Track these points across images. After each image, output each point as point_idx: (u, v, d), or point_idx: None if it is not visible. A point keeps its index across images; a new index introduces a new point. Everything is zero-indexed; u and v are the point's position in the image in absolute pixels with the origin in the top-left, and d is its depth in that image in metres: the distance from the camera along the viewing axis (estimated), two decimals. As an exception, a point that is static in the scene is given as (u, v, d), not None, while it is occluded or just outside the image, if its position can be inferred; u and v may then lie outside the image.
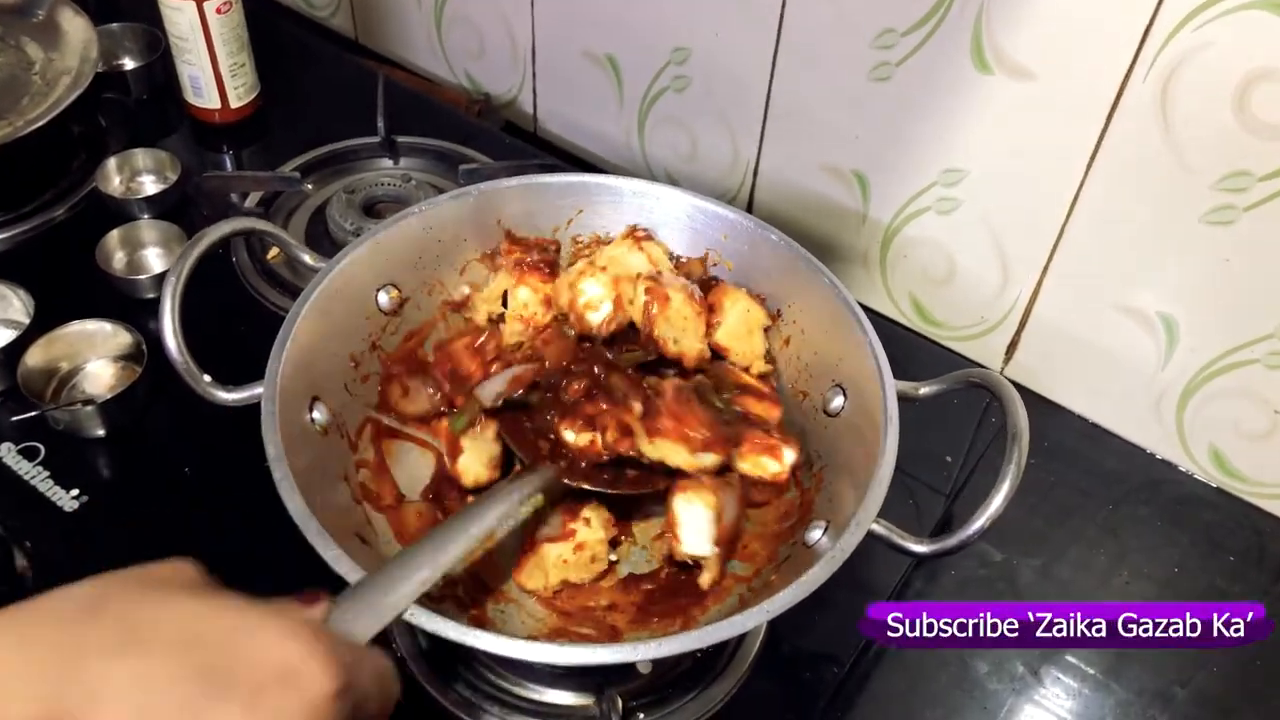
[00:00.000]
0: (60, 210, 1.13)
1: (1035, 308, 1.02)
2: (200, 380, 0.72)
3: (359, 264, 0.79)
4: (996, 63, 0.91)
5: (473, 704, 0.77)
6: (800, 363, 0.83)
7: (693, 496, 0.74)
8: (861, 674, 0.83)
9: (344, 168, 1.20)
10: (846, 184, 1.08)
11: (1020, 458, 0.66)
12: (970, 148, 0.97)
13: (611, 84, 1.21)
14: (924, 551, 0.67)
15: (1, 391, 0.95)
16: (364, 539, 0.72)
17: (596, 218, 0.88)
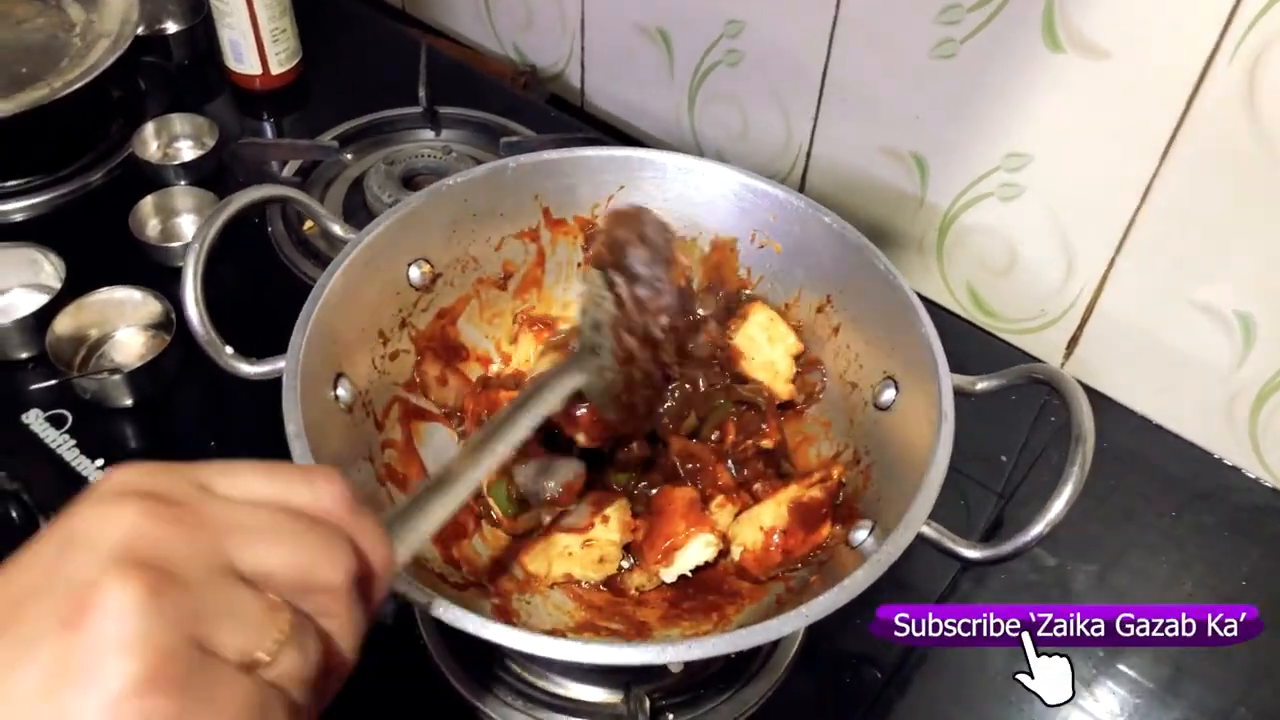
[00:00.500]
0: (97, 175, 1.12)
1: (1100, 301, 0.97)
2: (222, 352, 0.69)
3: (390, 236, 0.76)
4: (1069, 40, 0.86)
5: (496, 696, 0.75)
6: (850, 353, 0.79)
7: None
8: (903, 679, 0.79)
9: (384, 138, 1.18)
10: (904, 167, 1.03)
11: (1084, 460, 0.62)
12: (1037, 131, 0.93)
13: (662, 57, 1.17)
14: (976, 557, 0.63)
15: (31, 358, 0.94)
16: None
17: (638, 194, 0.84)
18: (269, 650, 0.37)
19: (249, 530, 0.38)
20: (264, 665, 0.37)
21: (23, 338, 0.93)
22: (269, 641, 0.37)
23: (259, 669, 0.36)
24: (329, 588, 0.39)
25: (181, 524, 0.37)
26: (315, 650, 0.39)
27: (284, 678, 0.37)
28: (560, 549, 0.73)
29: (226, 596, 0.36)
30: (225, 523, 0.38)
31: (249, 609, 0.37)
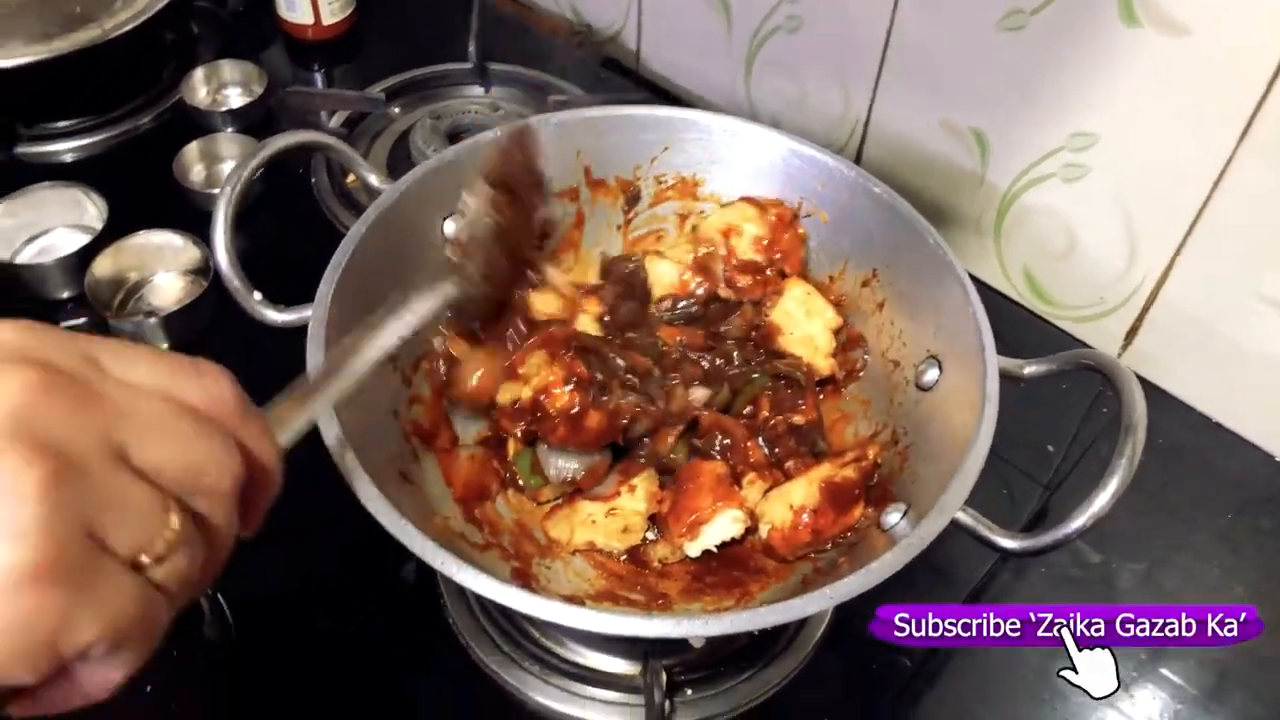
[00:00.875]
0: (146, 118, 1.12)
1: (1163, 291, 0.93)
2: (249, 297, 0.68)
3: (424, 188, 0.75)
4: (1146, 15, 0.81)
5: (514, 661, 0.74)
6: (894, 329, 0.76)
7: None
8: (933, 671, 0.77)
9: (433, 93, 1.16)
10: (964, 143, 1.00)
11: (1134, 452, 0.59)
12: (1106, 109, 0.88)
13: (721, 21, 1.14)
14: (1013, 547, 0.60)
15: (70, 298, 0.94)
16: (408, 477, 0.68)
17: (681, 155, 0.82)
18: (159, 550, 0.35)
19: (143, 420, 0.36)
20: (151, 564, 0.35)
21: (63, 277, 0.93)
22: (160, 541, 0.35)
23: (146, 567, 0.35)
24: (215, 491, 0.38)
25: (77, 403, 0.34)
26: (200, 553, 0.38)
27: (169, 578, 0.36)
28: (584, 516, 0.72)
29: (122, 489, 0.35)
30: (120, 408, 0.36)
31: (143, 505, 0.35)
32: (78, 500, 0.33)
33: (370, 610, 0.77)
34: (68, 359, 0.36)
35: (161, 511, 0.36)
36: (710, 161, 0.81)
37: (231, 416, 0.40)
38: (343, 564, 0.80)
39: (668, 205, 0.86)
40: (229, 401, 0.40)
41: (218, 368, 0.41)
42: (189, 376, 0.39)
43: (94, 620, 0.33)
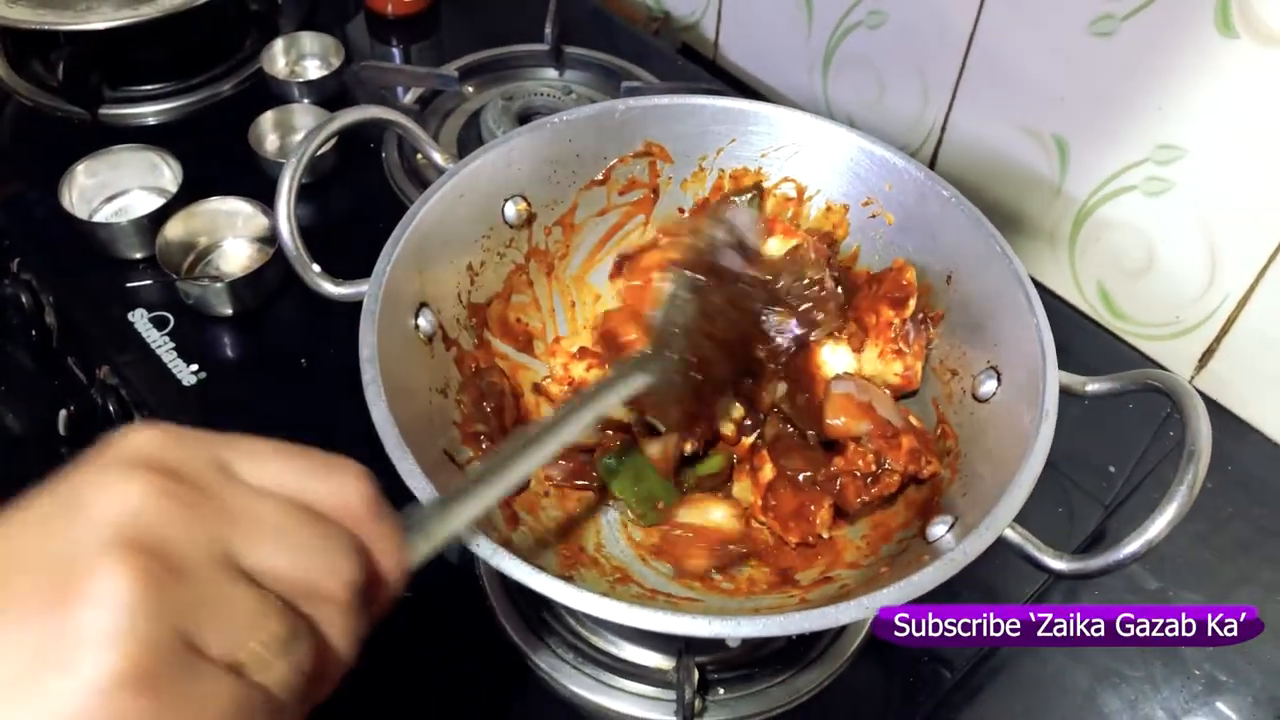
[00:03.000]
0: (225, 86, 1.14)
1: (1243, 314, 0.90)
2: (309, 269, 0.69)
3: (489, 169, 0.75)
4: (1244, 25, 0.78)
5: (549, 647, 0.74)
6: (954, 337, 0.74)
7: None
8: (974, 687, 0.75)
9: (507, 74, 1.16)
10: (1044, 150, 0.97)
11: (1195, 479, 0.56)
12: (1195, 122, 0.85)
13: (801, 14, 1.13)
14: (1063, 569, 0.58)
15: (142, 259, 0.96)
16: (453, 458, 0.68)
17: (748, 149, 0.80)
18: (257, 650, 0.35)
19: (259, 524, 0.36)
20: (252, 667, 0.34)
21: (137, 238, 0.95)
22: (259, 644, 0.35)
23: (247, 671, 0.34)
24: (330, 597, 0.37)
25: (191, 508, 0.34)
26: (307, 656, 0.36)
27: (271, 681, 0.35)
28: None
29: (223, 592, 0.34)
30: (236, 512, 0.36)
31: (244, 608, 0.35)
32: (174, 604, 0.32)
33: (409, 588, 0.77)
34: (195, 465, 0.36)
35: (265, 613, 0.35)
36: (776, 156, 0.80)
37: (360, 520, 0.39)
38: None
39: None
40: (358, 502, 0.39)
41: (354, 467, 0.40)
42: (320, 477, 0.39)
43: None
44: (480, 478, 0.50)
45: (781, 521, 0.71)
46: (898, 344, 0.75)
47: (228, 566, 0.35)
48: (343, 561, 0.38)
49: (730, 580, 0.70)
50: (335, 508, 0.39)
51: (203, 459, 0.36)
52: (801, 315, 0.74)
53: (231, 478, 0.37)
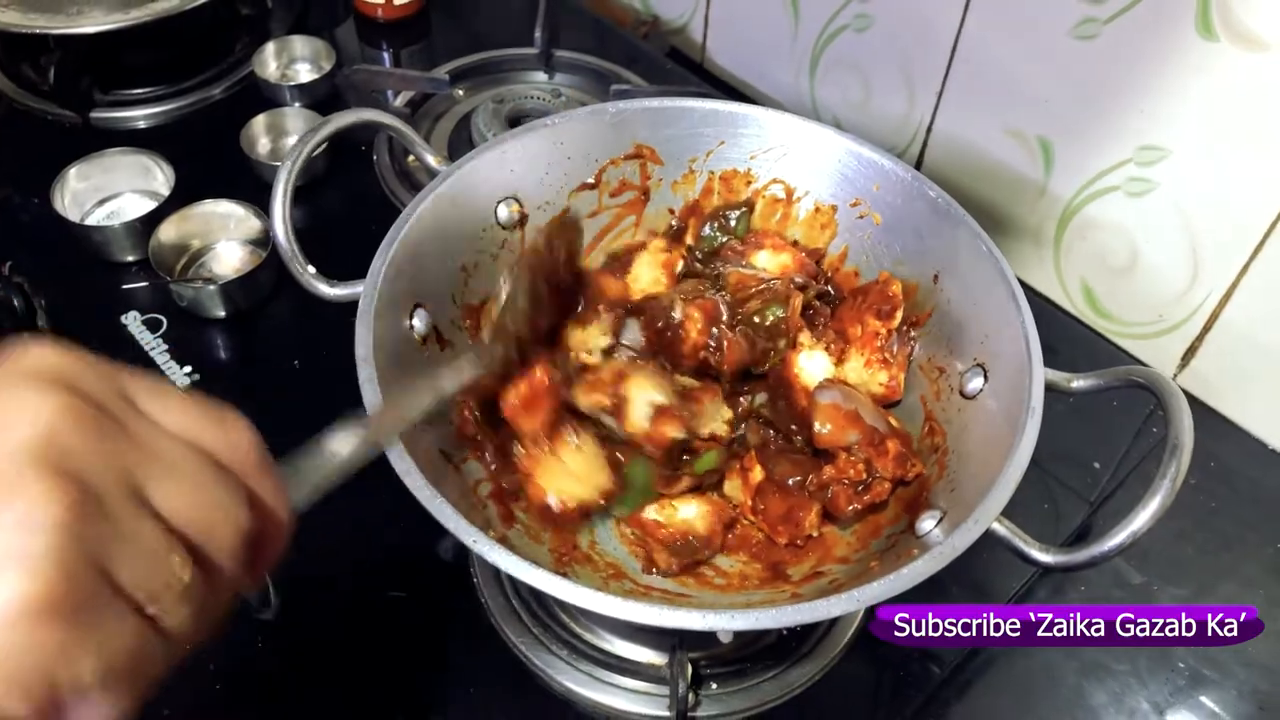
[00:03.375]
0: (217, 90, 1.15)
1: (1224, 312, 0.91)
2: (304, 270, 0.70)
3: (481, 171, 0.76)
4: (1224, 28, 0.80)
5: (544, 645, 0.74)
6: (941, 335, 0.75)
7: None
8: (963, 682, 0.76)
9: (497, 77, 1.17)
10: (1029, 151, 0.98)
11: (1178, 473, 0.57)
12: (1176, 124, 0.87)
13: (788, 17, 1.14)
14: (1049, 561, 0.59)
15: (135, 261, 0.97)
16: (449, 457, 0.69)
17: (737, 150, 0.81)
18: (165, 596, 0.35)
19: (166, 462, 0.36)
20: (154, 608, 0.34)
21: (129, 241, 0.96)
22: (168, 588, 0.35)
23: (148, 609, 0.34)
24: (223, 542, 0.37)
25: (105, 436, 0.34)
26: (201, 602, 0.37)
27: (171, 624, 0.35)
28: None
29: (135, 527, 0.34)
30: (145, 446, 0.36)
31: (155, 547, 0.34)
32: (92, 534, 0.32)
33: (405, 587, 0.78)
34: (103, 390, 0.36)
35: (175, 557, 0.35)
36: (766, 158, 0.81)
37: (249, 470, 0.40)
38: (379, 540, 0.81)
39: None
40: (248, 454, 0.40)
41: (241, 419, 0.41)
42: (214, 425, 0.39)
43: (93, 657, 0.32)
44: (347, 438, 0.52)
45: (771, 524, 0.72)
46: (883, 354, 0.76)
47: (139, 500, 0.35)
48: (238, 510, 0.38)
49: (722, 576, 0.71)
50: (229, 457, 0.39)
51: (111, 388, 0.36)
52: (750, 342, 0.76)
53: (138, 411, 0.37)
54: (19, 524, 0.31)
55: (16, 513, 0.31)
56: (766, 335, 0.75)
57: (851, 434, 0.71)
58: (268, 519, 0.41)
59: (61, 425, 0.33)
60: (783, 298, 0.75)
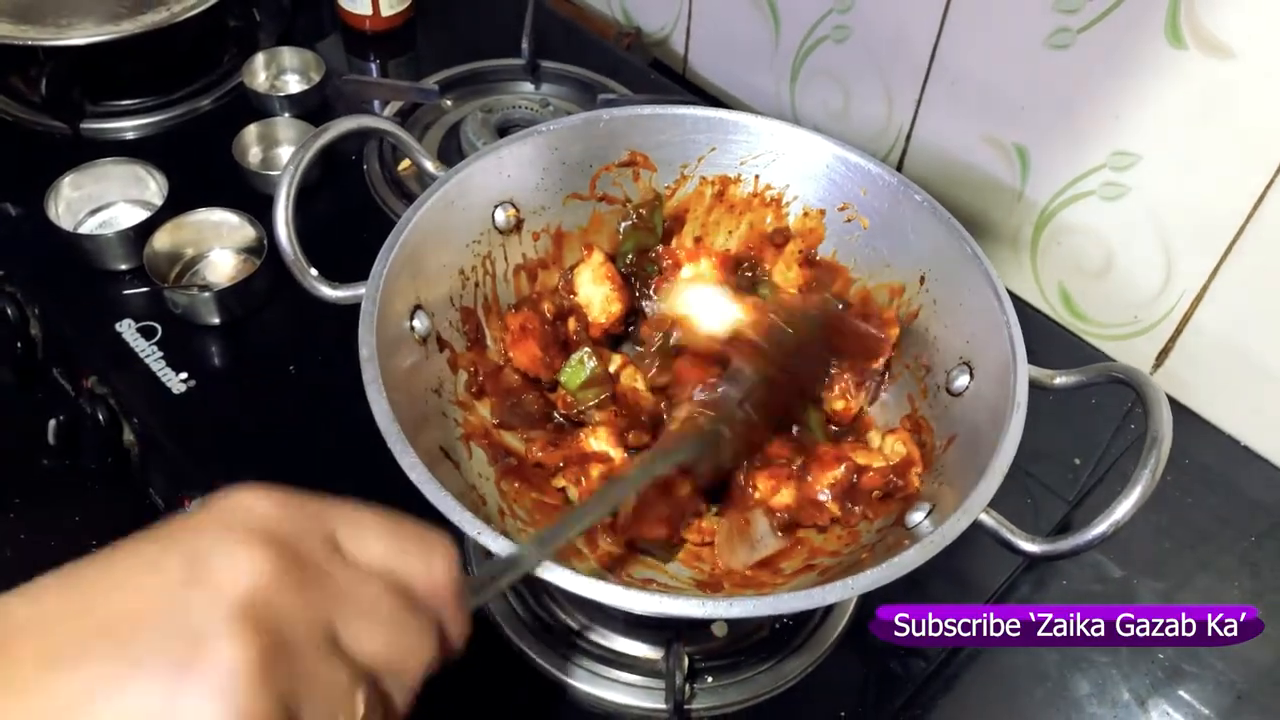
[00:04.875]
0: (206, 101, 1.15)
1: (1197, 314, 0.94)
2: (306, 273, 0.71)
3: (479, 177, 0.77)
4: (1193, 37, 0.82)
5: (540, 641, 0.76)
6: (928, 335, 0.78)
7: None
8: (950, 675, 0.78)
9: (485, 87, 1.19)
10: (1005, 158, 1.01)
11: (1158, 465, 0.59)
12: (1148, 130, 0.89)
13: (769, 29, 1.16)
14: (1034, 551, 0.61)
15: (129, 270, 0.97)
16: (450, 456, 0.70)
17: (728, 157, 0.83)
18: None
19: (362, 606, 0.39)
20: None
21: (123, 249, 0.96)
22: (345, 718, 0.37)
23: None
24: (408, 675, 0.40)
25: (305, 589, 0.37)
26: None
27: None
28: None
29: (323, 671, 0.37)
30: (342, 591, 0.38)
31: (339, 687, 0.37)
32: (282, 680, 0.35)
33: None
34: (309, 541, 0.39)
35: (355, 693, 0.38)
36: (755, 163, 0.83)
37: (443, 602, 0.43)
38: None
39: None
40: (446, 587, 0.43)
41: (445, 545, 0.43)
42: (416, 555, 0.42)
43: None
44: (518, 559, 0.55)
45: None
46: (851, 387, 0.80)
47: (330, 644, 0.37)
48: (426, 646, 0.41)
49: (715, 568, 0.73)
50: (425, 587, 0.42)
51: (315, 534, 0.39)
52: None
53: (339, 555, 0.40)
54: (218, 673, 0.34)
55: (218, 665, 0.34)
56: None
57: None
58: (448, 641, 0.43)
59: (265, 580, 0.36)
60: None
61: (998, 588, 0.82)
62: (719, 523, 0.75)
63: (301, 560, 0.38)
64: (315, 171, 1.05)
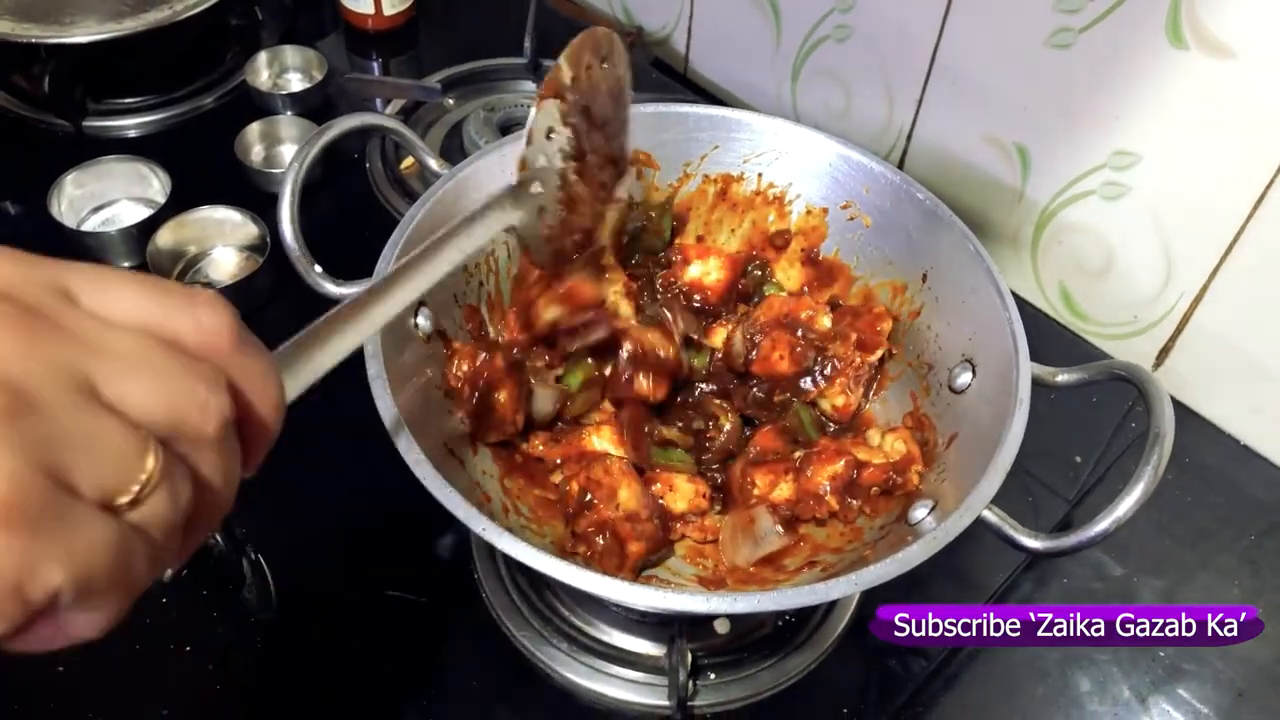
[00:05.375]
0: (209, 99, 1.16)
1: (1197, 313, 0.94)
2: (311, 270, 0.71)
3: (482, 175, 0.77)
4: (1194, 37, 0.82)
5: (544, 638, 0.76)
6: (930, 333, 0.78)
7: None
8: (951, 673, 0.78)
9: (487, 86, 1.19)
10: (1006, 158, 1.01)
11: (1160, 461, 0.59)
12: (1148, 129, 0.89)
13: (770, 28, 1.16)
14: (1036, 547, 0.61)
15: (132, 267, 0.97)
16: (454, 452, 0.70)
17: (731, 154, 0.84)
18: (134, 490, 0.32)
19: (115, 354, 0.33)
20: (127, 506, 0.32)
21: (126, 247, 0.97)
22: (134, 480, 0.32)
23: (121, 510, 0.32)
24: (201, 433, 0.34)
25: (35, 336, 0.31)
26: (185, 495, 0.34)
27: (147, 521, 0.32)
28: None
29: (88, 425, 0.31)
30: (88, 341, 0.32)
31: (115, 443, 0.32)
32: (34, 437, 0.30)
33: (404, 585, 0.79)
34: (32, 289, 0.32)
35: (137, 451, 0.32)
36: (758, 162, 0.83)
37: (226, 352, 0.36)
38: (380, 537, 0.82)
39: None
40: (223, 335, 0.36)
41: (214, 296, 0.36)
42: (179, 307, 0.35)
43: (60, 564, 0.30)
44: (349, 312, 0.47)
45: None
46: (851, 382, 0.79)
47: (90, 398, 0.32)
48: (210, 395, 0.34)
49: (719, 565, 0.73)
50: (198, 342, 0.35)
51: (43, 283, 0.33)
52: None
53: (78, 305, 0.33)
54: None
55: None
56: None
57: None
58: (255, 403, 0.37)
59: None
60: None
61: (999, 586, 0.82)
62: (724, 520, 0.75)
63: (30, 308, 0.32)
64: (318, 170, 1.05)
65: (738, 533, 0.73)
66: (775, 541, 0.72)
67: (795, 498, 0.74)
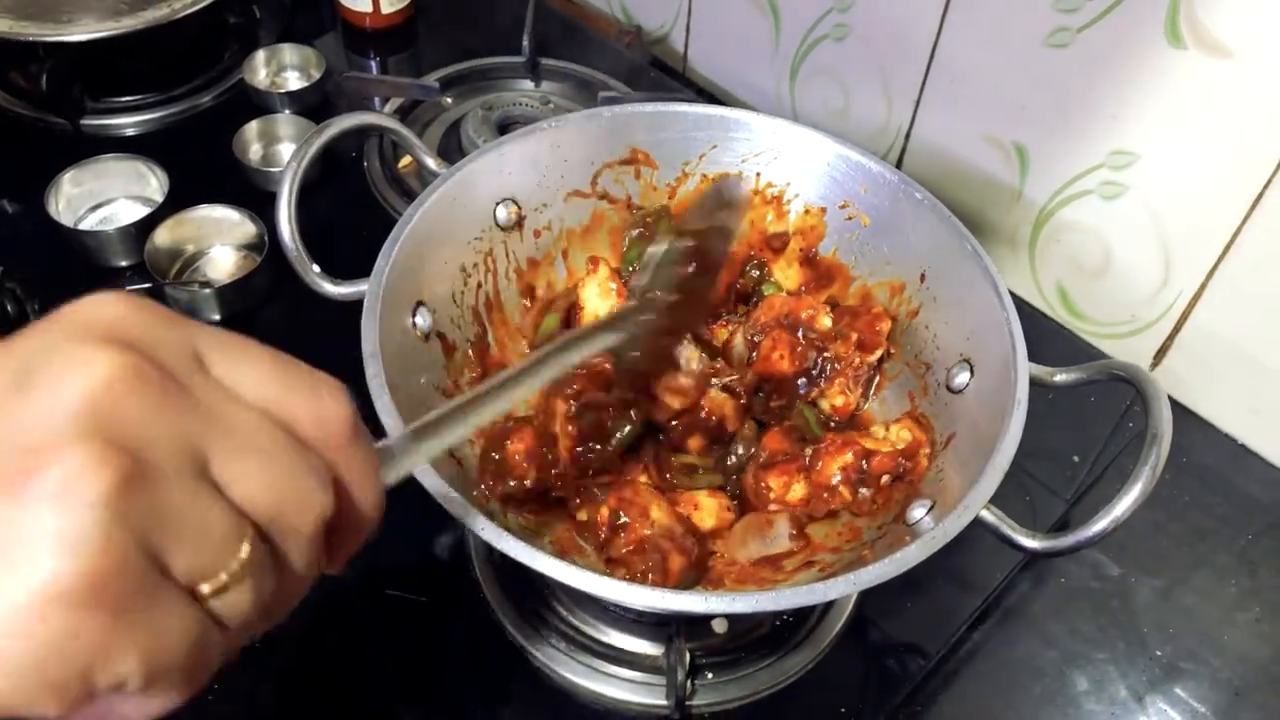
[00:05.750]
0: (207, 97, 1.16)
1: (1194, 312, 0.94)
2: (309, 269, 0.71)
3: (480, 174, 0.77)
4: (1192, 36, 0.82)
5: (543, 638, 0.76)
6: (928, 333, 0.78)
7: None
8: (949, 671, 0.78)
9: (485, 85, 1.19)
10: (1005, 157, 1.01)
11: (1158, 461, 0.60)
12: (1147, 129, 0.90)
13: (769, 27, 1.16)
14: (1035, 547, 0.62)
15: (130, 266, 0.97)
16: (453, 453, 0.70)
17: (729, 154, 0.84)
18: (222, 579, 0.31)
19: (237, 435, 0.32)
20: (210, 594, 0.31)
21: (124, 246, 0.97)
22: (226, 569, 0.31)
23: (204, 598, 0.31)
24: (296, 528, 0.33)
25: (166, 402, 0.30)
26: (269, 588, 0.33)
27: (229, 612, 0.31)
28: None
29: (196, 506, 0.30)
30: (213, 415, 0.31)
31: (215, 528, 0.30)
32: (144, 512, 0.28)
33: (404, 585, 0.79)
34: (169, 350, 0.31)
35: (235, 538, 0.31)
36: (757, 161, 0.83)
37: (337, 446, 0.35)
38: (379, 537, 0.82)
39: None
40: (338, 428, 0.35)
41: (337, 386, 0.36)
42: (303, 391, 0.34)
43: (137, 651, 0.28)
44: (450, 413, 0.47)
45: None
46: (850, 382, 0.79)
47: (202, 476, 0.31)
48: (318, 494, 0.34)
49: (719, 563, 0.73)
50: (313, 430, 0.34)
51: (180, 346, 0.32)
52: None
53: (207, 373, 0.32)
54: (56, 498, 0.27)
55: (52, 485, 0.27)
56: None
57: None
58: (354, 502, 0.36)
59: (115, 388, 0.29)
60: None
61: (996, 586, 0.82)
62: (743, 519, 0.75)
63: (159, 367, 0.30)
64: (316, 169, 1.04)
65: (751, 530, 0.73)
66: (783, 546, 0.72)
67: (809, 495, 0.74)
